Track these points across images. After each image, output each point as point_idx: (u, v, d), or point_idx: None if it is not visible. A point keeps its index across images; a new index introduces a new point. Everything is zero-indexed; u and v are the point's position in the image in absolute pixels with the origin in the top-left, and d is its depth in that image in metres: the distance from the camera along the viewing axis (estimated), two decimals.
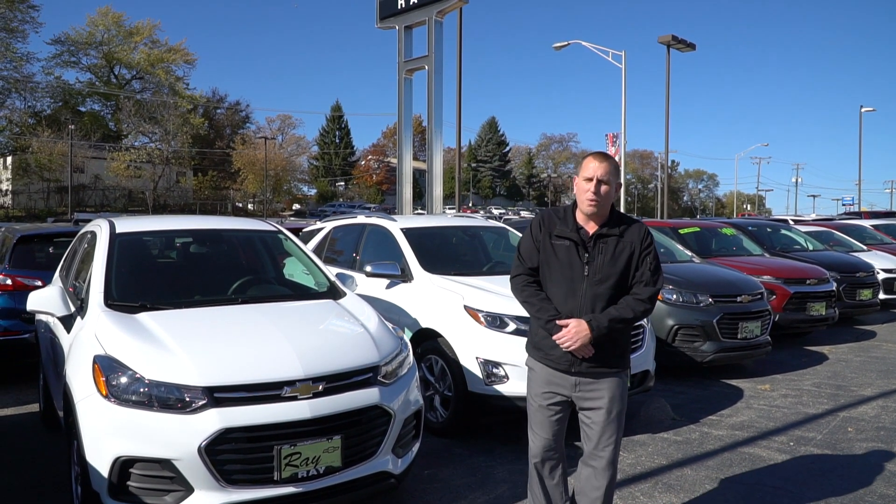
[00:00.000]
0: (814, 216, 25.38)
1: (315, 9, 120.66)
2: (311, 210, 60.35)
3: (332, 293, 4.39)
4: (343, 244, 7.00)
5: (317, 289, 4.53)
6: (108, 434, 3.00)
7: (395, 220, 6.29)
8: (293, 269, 4.99)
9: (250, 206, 62.37)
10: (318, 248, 7.09)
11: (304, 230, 8.13)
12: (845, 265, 10.37)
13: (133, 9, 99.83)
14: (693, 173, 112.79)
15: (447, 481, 4.15)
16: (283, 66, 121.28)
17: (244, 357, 3.25)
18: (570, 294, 2.87)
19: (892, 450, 4.76)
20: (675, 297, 6.86)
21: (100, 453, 3.00)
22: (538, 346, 2.99)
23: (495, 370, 4.66)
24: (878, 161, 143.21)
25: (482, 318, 4.81)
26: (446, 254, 6.23)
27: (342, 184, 73.26)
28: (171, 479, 2.96)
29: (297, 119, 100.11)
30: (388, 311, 5.18)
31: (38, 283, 6.20)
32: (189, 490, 2.96)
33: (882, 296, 11.30)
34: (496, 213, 53.33)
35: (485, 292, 5.00)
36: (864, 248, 12.74)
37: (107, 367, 3.13)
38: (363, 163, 79.23)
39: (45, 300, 3.92)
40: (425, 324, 5.19)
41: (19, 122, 51.65)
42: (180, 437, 2.93)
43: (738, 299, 7.03)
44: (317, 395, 3.17)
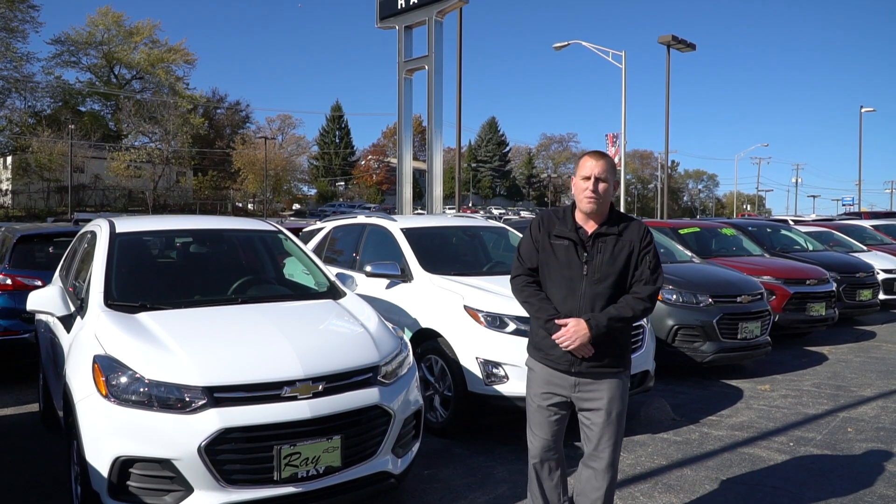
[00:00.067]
0: (814, 216, 25.39)
1: (315, 9, 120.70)
2: (311, 210, 60.35)
3: (332, 293, 4.39)
4: (343, 244, 7.00)
5: (317, 289, 4.53)
6: (107, 434, 3.00)
7: (395, 220, 6.29)
8: (293, 269, 5.00)
9: (250, 206, 62.37)
10: (318, 248, 7.09)
11: (304, 230, 8.13)
12: (845, 265, 10.37)
13: (133, 9, 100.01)
14: (693, 173, 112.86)
15: (447, 481, 4.15)
16: (283, 66, 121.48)
17: (244, 357, 3.25)
18: (570, 293, 2.87)
19: (891, 450, 4.76)
20: (675, 297, 6.86)
21: (100, 453, 3.00)
22: (538, 346, 2.99)
23: (495, 370, 4.66)
24: (878, 161, 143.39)
25: (482, 318, 4.81)
26: (446, 254, 6.23)
27: (342, 184, 73.27)
28: (170, 479, 2.96)
29: (297, 119, 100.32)
30: (388, 311, 5.18)
31: (38, 282, 6.20)
32: (189, 490, 2.96)
33: (882, 296, 11.30)
34: (496, 213, 53.35)
35: (485, 292, 5.00)
36: (864, 248, 12.74)
37: (107, 367, 3.13)
38: (363, 163, 79.24)
39: (45, 300, 3.92)
40: (425, 324, 5.19)
41: (19, 121, 51.66)
42: (180, 437, 2.93)
43: (738, 299, 7.03)
44: (317, 395, 3.17)
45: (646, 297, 2.84)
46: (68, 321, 3.87)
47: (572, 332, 2.79)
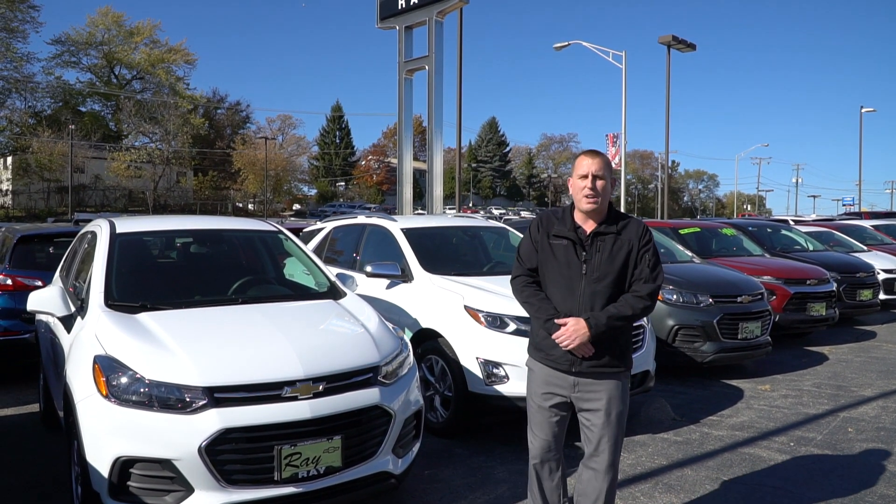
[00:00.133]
0: (814, 216, 25.40)
1: (315, 9, 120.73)
2: (311, 210, 60.37)
3: (333, 293, 4.39)
4: (343, 244, 7.00)
5: (317, 289, 4.53)
6: (108, 434, 3.00)
7: (395, 221, 6.29)
8: (293, 270, 5.00)
9: (250, 206, 62.38)
10: (319, 249, 7.09)
11: (305, 230, 8.13)
12: (845, 265, 10.37)
13: (133, 9, 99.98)
14: (693, 173, 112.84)
15: (447, 481, 4.15)
16: (284, 67, 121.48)
17: (244, 357, 3.25)
18: (569, 293, 2.87)
19: (892, 450, 4.76)
20: (675, 297, 6.86)
21: (100, 453, 3.00)
22: (539, 346, 2.99)
23: (495, 370, 4.66)
24: (878, 161, 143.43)
25: (482, 319, 4.81)
26: (446, 254, 6.23)
27: (342, 184, 73.29)
28: (171, 480, 2.96)
29: (297, 119, 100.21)
30: (389, 312, 5.19)
31: (39, 283, 6.20)
32: (189, 490, 2.96)
33: (882, 296, 11.30)
34: (496, 213, 53.36)
35: (485, 292, 5.00)
36: (865, 248, 12.74)
37: (107, 368, 3.13)
38: (363, 163, 79.22)
39: (46, 300, 3.92)
40: (425, 324, 5.19)
41: (19, 122, 51.63)
42: (180, 438, 2.93)
43: (739, 300, 7.03)
44: (317, 395, 3.17)
45: (645, 295, 2.83)
46: (69, 321, 3.87)
47: (571, 331, 2.78)
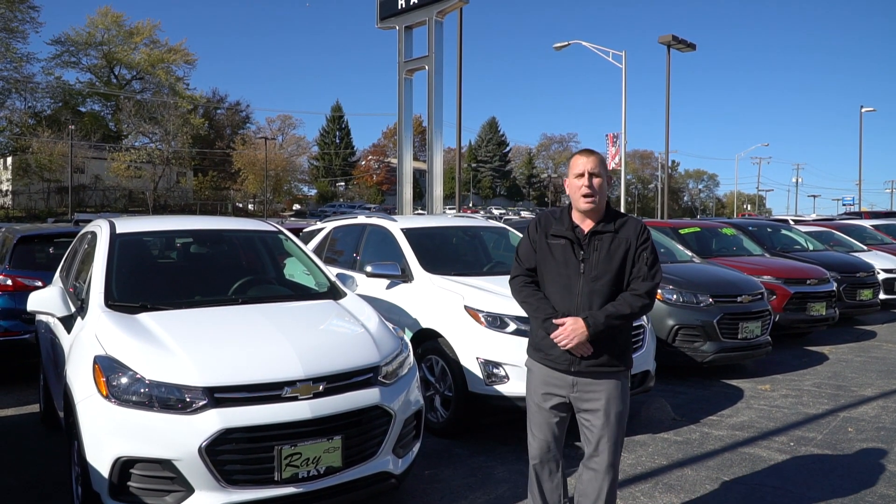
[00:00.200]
0: (814, 216, 25.40)
1: (315, 9, 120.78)
2: (311, 210, 60.35)
3: (333, 293, 4.39)
4: (343, 244, 7.00)
5: (317, 289, 4.53)
6: (108, 434, 3.00)
7: (395, 221, 6.29)
8: (293, 270, 5.00)
9: (251, 206, 62.39)
10: (319, 249, 7.09)
11: (305, 230, 8.13)
12: (845, 265, 10.37)
13: (133, 9, 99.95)
14: (693, 173, 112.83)
15: (447, 481, 4.15)
16: (284, 67, 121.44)
17: (244, 357, 3.25)
18: (567, 292, 2.87)
19: (892, 450, 4.76)
20: (675, 297, 6.85)
21: (100, 454, 3.00)
22: (538, 346, 2.98)
23: (496, 370, 4.66)
24: (878, 161, 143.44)
25: (482, 319, 4.81)
26: (447, 254, 6.23)
27: (342, 184, 73.29)
28: (171, 480, 2.96)
29: (297, 119, 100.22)
30: (389, 312, 5.19)
31: (39, 283, 6.20)
32: (189, 490, 2.96)
33: (882, 296, 11.29)
34: (496, 213, 53.37)
35: (485, 292, 5.00)
36: (865, 248, 12.74)
37: (107, 368, 3.13)
38: (363, 163, 79.23)
39: (46, 300, 3.92)
40: (426, 324, 5.19)
41: (19, 122, 51.64)
42: (181, 438, 2.93)
43: (739, 299, 7.03)
44: (317, 395, 3.17)
45: (643, 293, 2.83)
46: (69, 322, 3.87)
47: (570, 330, 2.78)
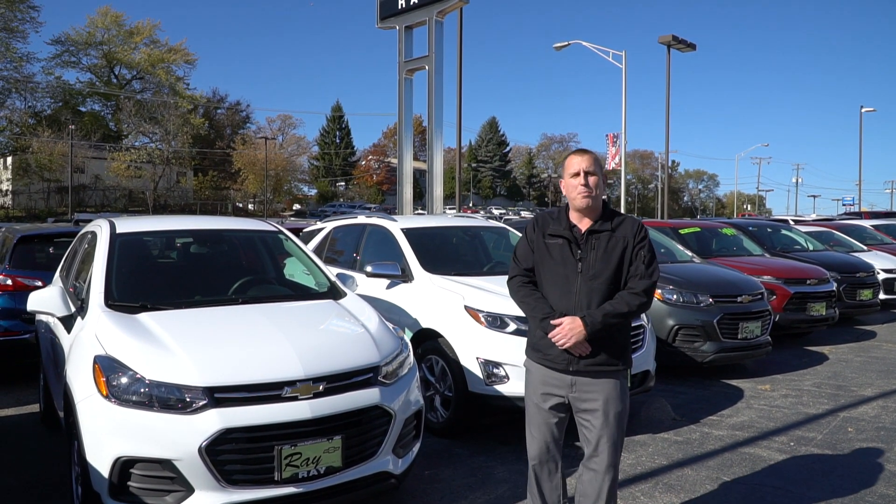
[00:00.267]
0: (814, 216, 25.40)
1: (315, 9, 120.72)
2: (311, 210, 60.39)
3: (333, 293, 4.39)
4: (343, 244, 7.00)
5: (317, 289, 4.53)
6: (108, 434, 3.00)
7: (395, 221, 6.29)
8: (293, 270, 5.00)
9: (251, 206, 62.39)
10: (319, 249, 7.09)
11: (305, 230, 8.13)
12: (845, 265, 10.37)
13: (133, 9, 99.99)
14: (693, 173, 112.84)
15: (448, 481, 4.15)
16: (284, 66, 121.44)
17: (244, 357, 3.25)
18: (565, 292, 2.87)
19: (892, 450, 4.76)
20: (675, 297, 6.85)
21: (100, 453, 3.00)
22: (536, 346, 2.99)
23: (496, 370, 4.66)
24: (878, 161, 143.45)
25: (482, 319, 4.81)
26: (447, 254, 6.23)
27: (342, 184, 73.28)
28: (171, 480, 2.97)
29: (297, 119, 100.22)
30: (389, 312, 5.19)
31: (39, 283, 6.20)
32: (189, 490, 2.96)
33: (882, 296, 11.30)
34: (496, 213, 53.40)
35: (485, 292, 5.00)
36: (865, 248, 12.75)
37: (107, 368, 3.13)
38: (363, 163, 79.23)
39: (46, 300, 3.92)
40: (426, 324, 5.19)
41: (19, 122, 51.65)
42: (181, 438, 2.93)
43: (739, 299, 7.03)
44: (317, 395, 3.17)
45: (641, 291, 2.83)
46: (69, 322, 3.87)
47: (567, 329, 2.78)
